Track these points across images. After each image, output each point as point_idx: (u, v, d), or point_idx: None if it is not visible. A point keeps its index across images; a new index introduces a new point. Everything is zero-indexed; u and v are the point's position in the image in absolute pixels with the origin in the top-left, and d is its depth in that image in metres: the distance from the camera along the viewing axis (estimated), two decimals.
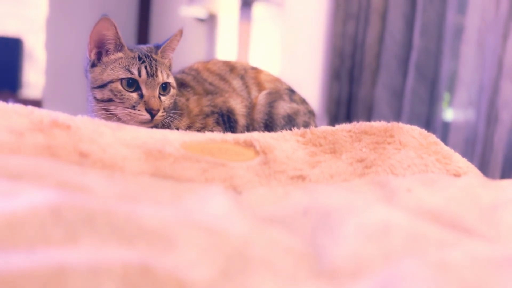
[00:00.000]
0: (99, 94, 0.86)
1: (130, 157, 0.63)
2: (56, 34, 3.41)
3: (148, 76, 0.87)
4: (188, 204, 0.52)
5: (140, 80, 0.86)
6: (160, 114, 0.87)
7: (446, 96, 2.21)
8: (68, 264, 0.31)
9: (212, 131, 0.93)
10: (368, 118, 2.30)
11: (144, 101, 0.86)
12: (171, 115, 0.92)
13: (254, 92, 1.03)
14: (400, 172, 0.73)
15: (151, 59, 0.89)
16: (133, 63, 0.87)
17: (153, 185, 0.58)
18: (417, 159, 0.76)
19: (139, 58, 0.87)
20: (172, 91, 0.91)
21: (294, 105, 1.02)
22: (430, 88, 2.22)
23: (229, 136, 0.78)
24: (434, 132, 2.23)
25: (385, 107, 2.28)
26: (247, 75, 1.05)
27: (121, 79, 0.85)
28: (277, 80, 1.07)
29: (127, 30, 3.27)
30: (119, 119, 0.86)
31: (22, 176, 0.49)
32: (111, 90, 0.85)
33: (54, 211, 0.37)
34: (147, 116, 0.85)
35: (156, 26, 3.59)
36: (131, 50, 0.89)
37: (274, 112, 0.99)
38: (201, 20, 2.90)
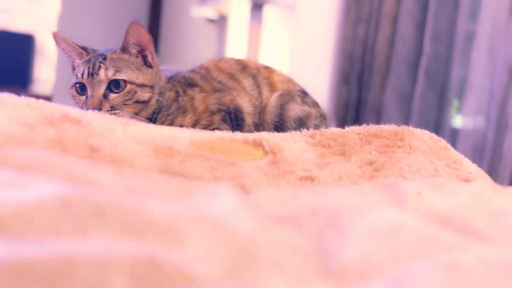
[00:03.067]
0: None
1: (140, 153, 0.63)
2: (68, 31, 3.42)
3: (88, 76, 0.87)
4: (197, 201, 0.52)
5: (84, 81, 0.87)
6: (104, 111, 0.85)
7: (455, 102, 2.19)
8: (77, 255, 0.30)
9: (218, 128, 0.93)
10: (377, 123, 2.28)
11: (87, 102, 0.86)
12: (171, 112, 0.92)
13: (265, 92, 1.02)
14: (409, 176, 0.73)
15: (102, 58, 0.88)
16: (81, 67, 0.88)
17: (162, 181, 0.58)
18: (427, 164, 0.76)
19: (89, 61, 0.88)
20: (130, 87, 0.88)
21: (306, 108, 1.01)
22: (439, 94, 2.21)
23: (238, 135, 0.77)
24: (442, 138, 2.22)
25: (393, 112, 2.27)
26: (259, 74, 1.04)
27: (75, 84, 0.88)
28: (289, 81, 1.06)
29: None
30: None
31: (32, 168, 0.49)
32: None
33: (64, 202, 0.37)
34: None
35: (167, 27, 3.61)
36: (88, 53, 0.90)
37: (285, 115, 0.98)
38: (211, 21, 2.90)
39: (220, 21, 2.78)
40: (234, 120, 0.96)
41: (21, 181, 0.43)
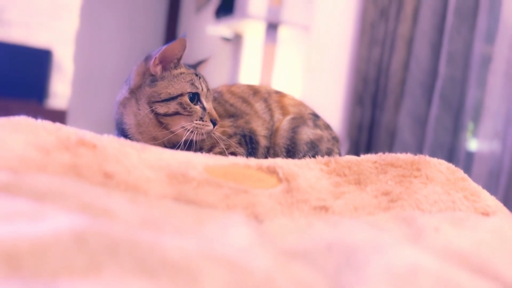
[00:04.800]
0: (163, 108, 0.88)
1: (154, 179, 0.63)
2: (85, 47, 3.49)
3: (207, 90, 0.93)
4: (210, 233, 0.52)
5: (202, 93, 0.91)
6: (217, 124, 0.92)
7: (470, 125, 2.17)
8: None
9: (235, 152, 0.93)
10: (390, 145, 2.27)
11: (208, 113, 0.91)
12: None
13: (277, 115, 1.02)
14: (426, 208, 0.71)
15: (200, 75, 0.94)
16: (195, 79, 0.91)
17: (175, 210, 0.57)
18: (444, 195, 0.74)
19: (196, 74, 0.93)
20: None
21: (318, 131, 1.01)
22: (454, 117, 2.18)
23: (252, 161, 0.77)
24: (457, 162, 2.18)
25: (408, 135, 2.25)
26: (270, 98, 1.05)
27: (188, 93, 0.89)
28: (301, 104, 1.07)
29: (154, 48, 3.33)
30: (174, 135, 0.89)
31: (47, 196, 0.49)
32: (180, 104, 0.88)
33: (78, 238, 0.37)
34: (211, 126, 0.91)
35: None
36: (186, 66, 0.93)
37: (297, 138, 0.98)
38: (227, 40, 2.93)
39: (236, 40, 2.80)
40: (249, 143, 0.97)
41: (36, 212, 0.42)
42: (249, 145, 0.97)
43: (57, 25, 3.16)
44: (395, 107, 2.29)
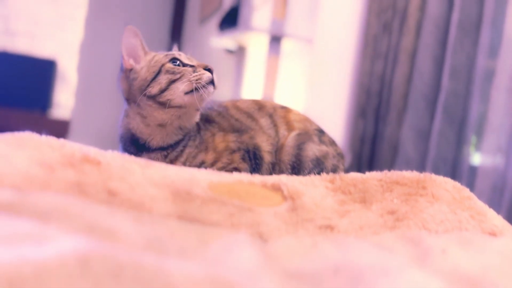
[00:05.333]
0: (155, 87, 0.90)
1: (158, 197, 0.62)
2: (89, 58, 3.51)
3: (185, 54, 0.95)
4: (215, 254, 0.51)
5: (180, 56, 0.93)
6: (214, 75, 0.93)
7: (473, 139, 2.16)
8: None
9: (238, 167, 0.93)
10: (393, 158, 2.26)
11: (197, 66, 0.92)
12: (195, 145, 0.93)
13: (282, 131, 1.02)
14: (432, 227, 0.70)
15: None
16: (165, 52, 0.95)
17: (180, 229, 0.57)
18: (450, 214, 0.73)
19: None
20: None
21: (324, 148, 1.00)
22: (457, 130, 2.18)
23: (257, 178, 0.76)
24: (460, 177, 2.16)
25: (410, 148, 2.24)
26: (276, 113, 1.04)
27: (168, 61, 0.91)
28: (306, 120, 1.06)
29: None
30: (180, 107, 0.90)
31: (50, 216, 0.48)
32: (167, 71, 0.90)
33: (82, 262, 0.36)
34: (208, 72, 0.91)
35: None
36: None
37: (302, 155, 0.97)
38: (230, 52, 2.94)
39: (239, 52, 2.81)
40: (253, 158, 0.96)
41: (40, 234, 0.42)
42: (253, 161, 0.97)
43: (61, 35, 3.18)
44: (398, 121, 2.28)
